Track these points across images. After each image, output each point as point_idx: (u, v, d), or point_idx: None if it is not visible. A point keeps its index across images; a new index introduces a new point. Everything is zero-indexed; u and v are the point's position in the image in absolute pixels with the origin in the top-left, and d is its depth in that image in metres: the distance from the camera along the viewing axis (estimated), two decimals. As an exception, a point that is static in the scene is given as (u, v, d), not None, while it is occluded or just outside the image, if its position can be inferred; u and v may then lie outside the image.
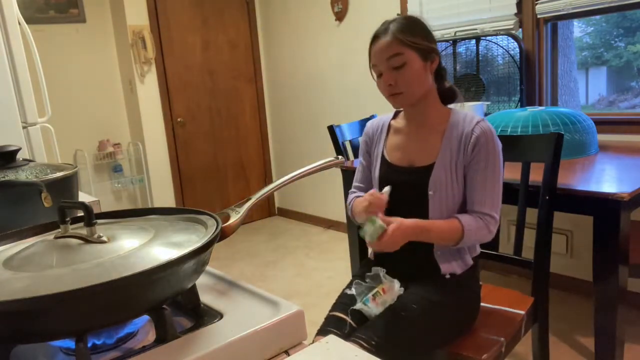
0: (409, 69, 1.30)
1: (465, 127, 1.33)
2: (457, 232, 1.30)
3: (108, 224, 0.87)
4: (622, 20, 3.68)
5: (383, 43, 1.31)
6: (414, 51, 1.30)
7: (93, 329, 0.68)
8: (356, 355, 0.67)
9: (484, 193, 1.32)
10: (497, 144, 1.33)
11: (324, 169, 1.16)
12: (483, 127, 1.32)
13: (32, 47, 2.11)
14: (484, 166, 1.31)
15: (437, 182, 1.33)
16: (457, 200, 1.35)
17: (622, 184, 1.60)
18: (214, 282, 0.92)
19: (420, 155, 1.38)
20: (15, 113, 1.94)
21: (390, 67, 1.31)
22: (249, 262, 3.52)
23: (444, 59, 2.92)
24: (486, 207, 1.32)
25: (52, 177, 1.09)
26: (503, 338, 1.38)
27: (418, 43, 1.30)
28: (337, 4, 3.56)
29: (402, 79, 1.31)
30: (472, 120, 1.33)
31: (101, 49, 3.73)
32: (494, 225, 1.33)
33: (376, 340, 1.21)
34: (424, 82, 1.33)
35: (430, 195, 1.34)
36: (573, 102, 2.80)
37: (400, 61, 1.30)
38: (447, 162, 1.33)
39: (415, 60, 1.30)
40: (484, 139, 1.30)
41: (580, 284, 2.57)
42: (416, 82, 1.32)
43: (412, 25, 1.33)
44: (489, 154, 1.31)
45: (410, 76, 1.31)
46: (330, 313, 1.38)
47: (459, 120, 1.35)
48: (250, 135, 4.40)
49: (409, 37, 1.29)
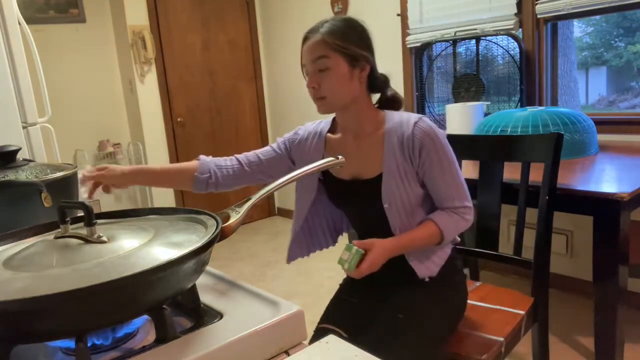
0: (334, 73, 1.25)
1: (404, 130, 1.27)
2: (436, 235, 1.28)
3: (108, 224, 0.87)
4: (622, 20, 3.68)
5: (311, 43, 1.26)
6: (341, 56, 1.24)
7: (93, 329, 0.68)
8: (356, 355, 0.67)
9: (449, 189, 1.29)
10: (442, 137, 1.28)
11: (323, 168, 1.16)
12: (422, 127, 1.26)
13: (32, 47, 2.11)
14: (438, 165, 1.27)
15: (390, 194, 1.28)
16: (414, 206, 1.31)
17: (622, 184, 1.59)
18: (214, 282, 0.92)
19: (365, 167, 1.32)
20: (15, 113, 1.94)
21: (316, 69, 1.26)
22: (249, 262, 3.52)
23: (444, 59, 2.93)
24: (455, 200, 1.29)
25: (52, 177, 1.09)
26: (503, 338, 1.38)
27: (346, 48, 1.24)
28: (337, 4, 3.56)
29: (326, 83, 1.26)
30: (409, 122, 1.27)
31: (101, 49, 3.73)
32: (469, 214, 1.31)
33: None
34: (348, 88, 1.27)
35: (386, 208, 1.29)
36: (573, 102, 2.80)
37: (325, 65, 1.24)
38: (395, 171, 1.28)
39: (341, 65, 1.24)
40: (428, 139, 1.25)
41: (580, 284, 2.57)
42: (340, 88, 1.26)
43: (346, 28, 1.27)
44: (438, 152, 1.26)
45: (334, 81, 1.25)
46: (320, 325, 1.37)
47: (395, 124, 1.29)
48: (250, 135, 4.40)
49: (337, 41, 1.24)
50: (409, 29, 3.10)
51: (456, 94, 2.85)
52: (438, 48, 2.94)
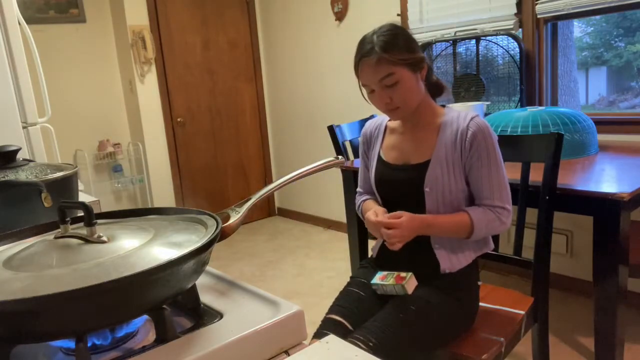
0: (403, 85, 1.29)
1: (460, 123, 1.33)
2: (466, 227, 1.31)
3: (108, 224, 0.87)
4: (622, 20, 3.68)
5: (371, 65, 1.28)
6: (404, 67, 1.28)
7: (93, 329, 0.68)
8: (356, 355, 0.67)
9: (491, 187, 1.33)
10: (494, 137, 1.34)
11: (323, 169, 1.16)
12: (478, 122, 1.31)
13: (32, 47, 2.11)
14: (486, 162, 1.31)
15: (432, 179, 1.33)
16: (454, 197, 1.34)
17: (622, 184, 1.59)
18: (214, 282, 0.92)
19: (416, 153, 1.39)
20: (15, 113, 1.94)
21: (383, 86, 1.30)
22: (249, 262, 3.52)
23: (444, 59, 2.93)
24: (495, 199, 1.33)
25: (52, 177, 1.09)
26: (503, 338, 1.38)
27: (406, 58, 1.28)
28: (337, 4, 3.56)
29: (398, 96, 1.30)
30: (467, 117, 1.33)
31: (101, 49, 3.73)
32: (506, 217, 1.34)
33: (373, 342, 1.21)
34: (418, 92, 1.34)
35: (426, 192, 1.34)
36: (573, 102, 2.80)
37: (393, 80, 1.28)
38: (443, 158, 1.33)
39: (407, 75, 1.29)
40: (481, 134, 1.30)
41: (580, 284, 2.57)
42: (411, 96, 1.32)
43: (395, 39, 1.28)
44: (488, 148, 1.31)
45: (405, 92, 1.30)
46: (327, 316, 1.38)
47: (453, 118, 1.35)
48: (250, 135, 4.40)
49: (396, 55, 1.26)
50: (409, 29, 3.10)
51: (456, 94, 2.85)
52: (438, 48, 2.94)
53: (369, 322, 1.29)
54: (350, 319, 1.34)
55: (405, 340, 1.25)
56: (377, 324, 1.26)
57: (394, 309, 1.30)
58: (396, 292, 1.32)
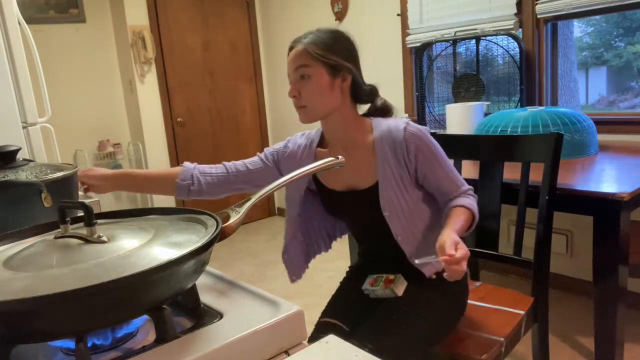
0: (314, 82, 1.27)
1: (394, 136, 1.27)
2: (470, 216, 1.29)
3: (108, 224, 0.87)
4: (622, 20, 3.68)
5: (294, 52, 1.30)
6: (322, 65, 1.26)
7: (93, 329, 0.68)
8: (356, 355, 0.67)
9: (450, 180, 1.31)
10: (428, 134, 1.29)
11: (323, 169, 1.16)
12: (412, 131, 1.27)
13: (32, 47, 2.11)
14: (436, 163, 1.28)
15: (388, 202, 1.28)
16: (414, 214, 1.31)
17: (622, 184, 1.59)
18: (214, 282, 0.92)
19: (358, 177, 1.33)
20: (15, 113, 1.94)
21: (297, 77, 1.29)
22: (249, 262, 3.51)
23: (444, 59, 2.93)
24: (460, 187, 1.32)
25: (52, 177, 1.09)
26: (503, 338, 1.38)
27: (327, 57, 1.26)
28: (337, 4, 3.56)
29: (306, 92, 1.28)
30: (398, 128, 1.27)
31: (101, 49, 3.73)
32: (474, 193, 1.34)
33: (369, 347, 1.20)
34: (329, 97, 1.28)
35: (386, 216, 1.29)
36: (573, 102, 2.80)
37: (306, 72, 1.27)
38: (391, 178, 1.28)
39: (322, 75, 1.26)
40: (420, 142, 1.26)
41: (580, 284, 2.57)
42: (320, 97, 1.28)
43: (329, 39, 1.28)
44: (431, 150, 1.28)
45: (314, 90, 1.27)
46: (321, 320, 1.38)
47: (383, 132, 1.29)
48: (250, 135, 4.40)
49: (319, 50, 1.26)
50: (409, 29, 3.10)
51: (456, 94, 2.85)
52: (438, 48, 2.94)
53: (364, 327, 1.28)
54: (345, 321, 1.34)
55: (402, 340, 1.25)
56: (372, 328, 1.26)
57: (386, 310, 1.30)
58: (386, 295, 1.33)
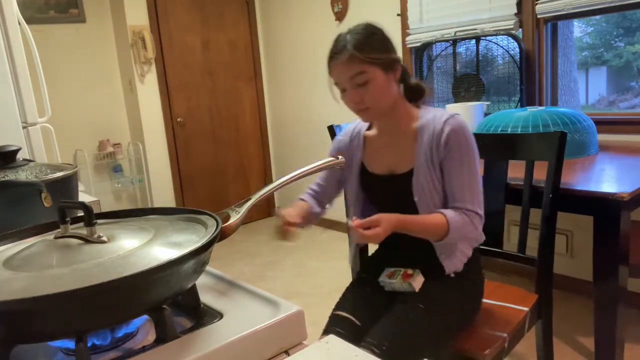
0: (374, 85, 1.26)
1: (435, 126, 1.29)
2: (442, 227, 1.26)
3: (108, 224, 0.87)
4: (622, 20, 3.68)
5: (342, 62, 1.25)
6: (376, 67, 1.25)
7: (93, 329, 0.68)
8: (356, 356, 0.67)
9: (463, 188, 1.29)
10: (470, 139, 1.29)
11: (323, 169, 1.16)
12: (452, 123, 1.27)
13: (32, 47, 2.11)
14: (458, 162, 1.28)
15: (419, 188, 1.31)
16: (444, 202, 1.33)
17: (622, 184, 1.59)
18: (214, 282, 0.92)
19: (398, 162, 1.36)
20: (15, 113, 1.94)
21: (354, 84, 1.26)
22: (249, 262, 3.52)
23: (444, 59, 2.93)
24: (467, 203, 1.28)
25: (52, 177, 1.09)
26: (506, 334, 1.39)
27: (378, 58, 1.25)
28: (337, 4, 3.56)
29: (368, 96, 1.27)
30: (441, 119, 1.29)
31: (101, 49, 3.73)
32: (478, 222, 1.30)
33: (387, 345, 1.20)
34: (390, 94, 1.30)
35: (416, 201, 1.31)
36: (573, 102, 2.80)
37: (364, 79, 1.25)
38: (425, 166, 1.30)
39: (379, 75, 1.26)
40: (454, 135, 1.27)
41: (581, 284, 2.57)
42: (382, 96, 1.29)
43: (369, 38, 1.26)
44: (461, 149, 1.27)
45: (376, 92, 1.27)
46: (335, 312, 1.38)
47: (428, 121, 1.32)
48: (250, 135, 4.40)
49: (368, 54, 1.24)
50: (409, 29, 3.10)
51: (456, 94, 2.85)
52: (438, 48, 2.94)
53: (379, 324, 1.28)
54: (358, 315, 1.34)
55: (417, 338, 1.25)
56: (388, 325, 1.26)
57: (402, 308, 1.30)
58: (404, 289, 1.33)
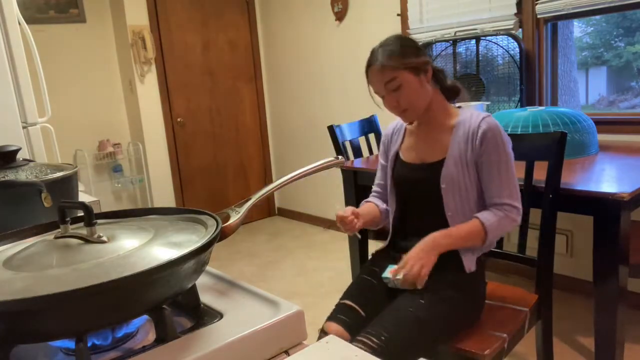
0: (407, 88, 1.38)
1: (472, 123, 1.40)
2: (480, 232, 1.35)
3: (108, 224, 0.87)
4: (622, 20, 3.68)
5: (375, 72, 1.40)
6: (406, 71, 1.38)
7: (93, 329, 0.68)
8: (356, 355, 0.67)
9: (500, 184, 1.38)
10: (505, 137, 1.39)
11: (324, 169, 1.16)
12: (489, 122, 1.38)
13: (32, 47, 2.11)
14: (495, 159, 1.37)
15: (448, 176, 1.40)
16: (469, 193, 1.40)
17: (622, 184, 1.60)
18: (214, 282, 0.92)
19: (431, 152, 1.46)
20: (15, 113, 1.94)
21: (389, 90, 1.40)
22: (249, 262, 3.52)
23: (444, 59, 2.93)
24: (504, 197, 1.38)
25: (52, 177, 1.09)
26: (506, 334, 1.39)
27: (407, 63, 1.37)
28: (337, 4, 3.56)
29: (404, 99, 1.40)
30: (479, 117, 1.40)
31: (101, 49, 3.73)
32: (516, 214, 1.38)
33: (385, 336, 1.24)
34: (424, 94, 1.42)
35: (443, 188, 1.40)
36: (573, 102, 2.80)
37: (396, 84, 1.38)
38: (457, 157, 1.40)
39: (410, 78, 1.38)
40: (490, 133, 1.37)
41: (581, 284, 2.57)
42: (417, 97, 1.41)
43: (396, 47, 1.39)
44: (497, 146, 1.37)
45: (410, 94, 1.39)
46: (341, 301, 1.43)
47: (466, 118, 1.43)
48: (250, 135, 4.40)
49: (396, 61, 1.37)
50: (409, 29, 3.10)
51: (456, 94, 2.85)
52: (438, 48, 2.94)
53: (380, 316, 1.32)
54: (363, 306, 1.40)
55: (415, 333, 1.28)
56: (388, 318, 1.30)
57: (404, 302, 1.34)
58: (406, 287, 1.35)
